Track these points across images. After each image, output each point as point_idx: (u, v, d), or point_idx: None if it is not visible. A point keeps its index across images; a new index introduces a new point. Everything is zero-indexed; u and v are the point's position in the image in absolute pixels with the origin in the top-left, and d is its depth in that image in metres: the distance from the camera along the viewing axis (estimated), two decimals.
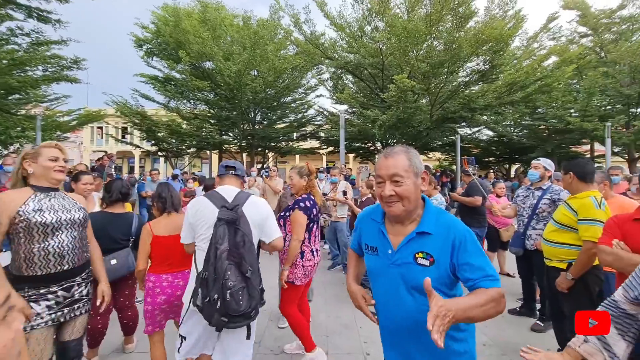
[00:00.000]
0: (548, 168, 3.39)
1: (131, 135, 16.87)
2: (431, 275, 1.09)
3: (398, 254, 1.20)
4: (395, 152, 1.20)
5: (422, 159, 25.00)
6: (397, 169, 1.16)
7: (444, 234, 1.16)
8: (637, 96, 11.98)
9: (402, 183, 1.16)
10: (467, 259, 1.12)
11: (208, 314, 1.70)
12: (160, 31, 12.57)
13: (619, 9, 13.36)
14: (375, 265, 1.29)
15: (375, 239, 1.30)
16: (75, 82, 10.91)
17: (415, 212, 1.22)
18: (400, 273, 1.19)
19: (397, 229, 1.24)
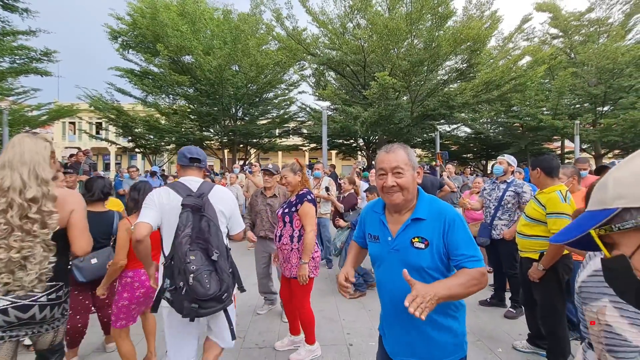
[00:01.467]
0: (511, 163, 3.69)
1: (106, 131, 16.29)
2: (426, 257, 1.28)
3: (397, 240, 1.33)
4: (396, 147, 1.35)
5: None
6: (399, 162, 1.30)
7: (436, 218, 1.30)
8: (603, 96, 12.68)
9: (402, 175, 1.29)
10: (454, 239, 1.26)
11: (179, 305, 1.67)
12: (136, 23, 12.12)
13: (588, 12, 14.04)
14: (377, 251, 1.42)
15: (376, 228, 1.43)
16: (46, 74, 10.41)
17: (412, 202, 1.36)
18: (400, 257, 1.32)
19: (396, 218, 1.37)
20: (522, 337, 3.03)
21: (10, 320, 1.50)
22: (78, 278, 2.39)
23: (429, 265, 1.28)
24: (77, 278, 2.39)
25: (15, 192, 1.48)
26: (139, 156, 22.83)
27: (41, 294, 1.56)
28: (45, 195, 1.54)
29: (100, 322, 2.78)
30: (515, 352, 2.89)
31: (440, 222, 1.28)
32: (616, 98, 12.80)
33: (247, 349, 2.94)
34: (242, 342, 3.04)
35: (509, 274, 3.67)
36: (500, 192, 3.64)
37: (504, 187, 3.64)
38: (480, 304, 3.89)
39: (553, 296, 2.51)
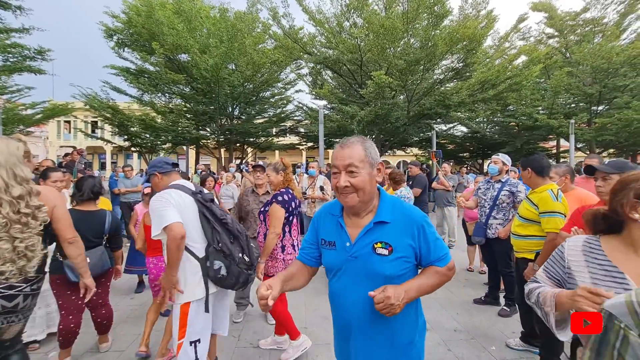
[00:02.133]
0: (506, 162, 3.72)
1: (102, 130, 16.17)
2: (390, 264, 1.16)
3: (356, 246, 1.20)
4: (352, 142, 1.20)
5: (400, 154, 25.45)
6: (353, 159, 1.16)
7: (401, 222, 1.19)
8: (598, 95, 12.77)
9: (357, 174, 1.15)
10: (427, 245, 1.20)
11: (232, 278, 1.96)
12: (132, 21, 12.03)
13: (583, 12, 14.11)
14: (333, 260, 1.26)
15: (333, 233, 1.28)
16: (40, 73, 10.31)
17: (371, 203, 1.23)
18: (360, 265, 1.19)
19: (354, 221, 1.24)
20: (515, 335, 3.05)
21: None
22: (71, 278, 2.37)
23: (394, 273, 1.17)
24: (69, 278, 2.38)
25: (1, 192, 1.57)
26: (134, 155, 22.73)
27: (26, 284, 1.67)
28: (29, 192, 1.66)
29: (94, 322, 2.77)
30: (509, 350, 2.91)
31: (409, 226, 1.19)
32: (611, 97, 12.90)
33: (242, 348, 2.94)
34: (237, 341, 3.04)
35: (504, 272, 3.70)
36: (495, 192, 3.66)
37: (499, 186, 3.66)
38: (474, 303, 3.91)
39: None
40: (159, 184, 2.10)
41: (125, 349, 2.89)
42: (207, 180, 5.58)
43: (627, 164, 1.99)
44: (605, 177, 1.96)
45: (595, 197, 2.58)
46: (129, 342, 3.00)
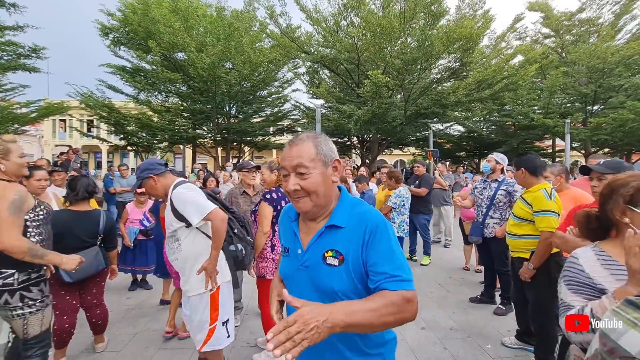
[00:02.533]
0: (499, 161, 3.75)
1: (97, 129, 16.05)
2: (340, 277, 0.97)
3: (307, 254, 1.05)
4: (301, 139, 1.04)
5: (397, 153, 25.49)
6: (302, 158, 1.00)
7: (355, 227, 1.00)
8: (593, 95, 12.86)
9: (307, 175, 1.00)
10: (372, 253, 0.96)
11: (247, 258, 2.26)
12: (128, 19, 11.93)
13: (578, 12, 14.20)
14: (286, 268, 1.13)
15: (288, 238, 1.15)
16: (35, 71, 10.20)
17: (329, 206, 1.07)
18: (309, 276, 1.03)
19: (310, 226, 1.09)
20: (510, 334, 3.08)
21: None
22: (65, 278, 2.36)
23: (344, 287, 0.97)
24: (63, 278, 2.36)
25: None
26: (131, 154, 22.59)
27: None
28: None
29: (89, 323, 2.76)
30: (504, 348, 2.93)
31: (360, 232, 0.98)
32: (606, 97, 12.99)
33: (238, 347, 2.94)
34: (233, 340, 3.03)
35: (500, 271, 3.72)
36: (492, 191, 3.69)
37: (496, 186, 3.69)
38: (470, 301, 3.94)
39: (544, 295, 2.53)
40: (155, 187, 2.09)
41: (122, 348, 2.88)
42: (208, 181, 5.58)
43: (621, 163, 2.01)
44: (600, 177, 1.97)
45: (590, 197, 2.61)
46: (125, 342, 2.99)
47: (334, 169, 1.06)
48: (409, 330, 3.24)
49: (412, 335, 3.16)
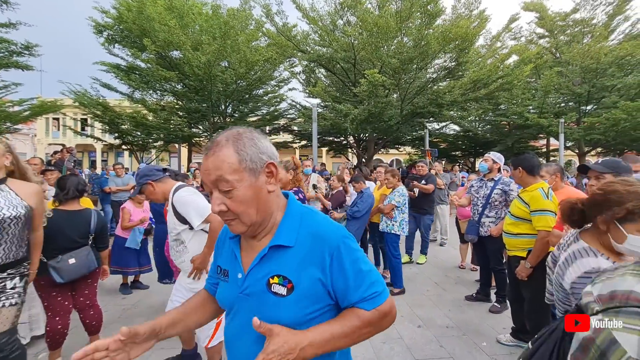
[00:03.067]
0: (496, 161, 3.76)
1: (92, 128, 15.89)
2: (289, 308, 0.81)
3: (248, 280, 0.86)
4: (218, 144, 0.81)
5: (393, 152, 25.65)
6: (221, 170, 0.79)
7: (309, 246, 0.84)
8: (587, 95, 12.99)
9: (231, 193, 0.79)
10: (341, 281, 0.83)
11: None
12: (122, 17, 11.81)
13: (573, 13, 14.33)
14: (224, 295, 0.94)
15: (226, 259, 0.96)
16: (27, 69, 10.07)
17: (270, 220, 0.87)
18: (252, 306, 0.85)
19: (252, 245, 0.90)
20: (506, 331, 3.10)
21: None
22: (56, 279, 2.34)
23: (294, 320, 0.81)
24: (55, 279, 2.34)
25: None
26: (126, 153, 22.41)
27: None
28: None
29: (83, 324, 2.73)
30: (500, 345, 2.96)
31: (317, 254, 0.83)
32: (599, 97, 13.13)
33: None
34: None
35: (495, 270, 3.75)
36: (488, 190, 3.70)
37: (492, 185, 3.70)
38: (466, 299, 3.96)
39: (541, 293, 2.55)
40: (154, 192, 2.17)
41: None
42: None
43: (619, 163, 2.03)
44: (598, 177, 1.99)
45: (584, 196, 2.64)
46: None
47: (268, 175, 0.84)
48: (405, 329, 3.26)
49: (408, 333, 3.18)
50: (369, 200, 4.40)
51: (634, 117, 11.33)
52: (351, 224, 4.33)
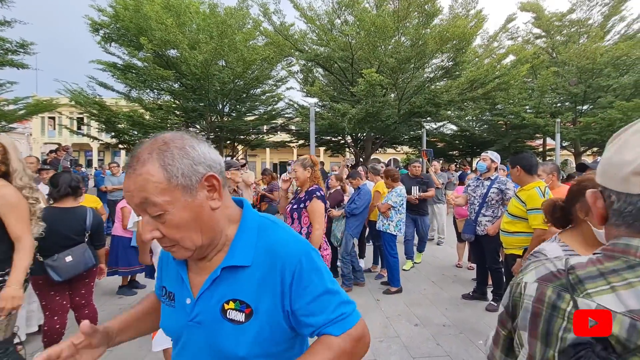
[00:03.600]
0: (494, 160, 3.78)
1: (88, 127, 15.79)
2: (248, 338, 0.71)
3: (199, 305, 0.75)
4: (139, 160, 0.66)
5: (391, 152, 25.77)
6: (146, 192, 0.64)
7: (267, 264, 0.73)
8: (583, 95, 13.08)
9: (163, 217, 0.66)
10: (303, 302, 0.72)
11: None
12: (119, 15, 11.74)
13: (569, 13, 14.40)
14: (170, 322, 0.81)
15: (172, 281, 0.83)
16: (23, 67, 10.00)
17: (221, 235, 0.76)
18: (204, 336, 0.74)
19: (201, 265, 0.78)
20: None
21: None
22: (54, 277, 2.32)
23: (254, 350, 0.71)
24: (52, 278, 2.33)
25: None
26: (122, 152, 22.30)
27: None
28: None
29: (78, 323, 2.72)
30: None
31: (275, 273, 0.72)
32: (595, 97, 13.22)
33: None
34: None
35: (492, 268, 3.77)
36: (485, 189, 3.72)
37: (488, 184, 3.71)
38: (463, 298, 3.98)
39: None
40: None
41: (114, 349, 2.85)
42: None
43: None
44: None
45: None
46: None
47: (209, 189, 0.70)
48: (402, 327, 3.27)
49: (405, 332, 3.19)
50: (367, 197, 4.41)
51: (629, 117, 11.41)
52: (350, 221, 4.34)
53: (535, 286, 0.62)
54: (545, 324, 0.58)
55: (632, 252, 0.55)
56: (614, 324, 0.50)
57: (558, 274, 0.60)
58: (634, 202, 0.55)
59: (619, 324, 0.50)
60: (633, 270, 0.53)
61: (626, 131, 0.60)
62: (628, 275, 0.53)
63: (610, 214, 0.60)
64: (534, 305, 0.61)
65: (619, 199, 0.57)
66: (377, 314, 3.56)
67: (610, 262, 0.56)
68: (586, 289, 0.55)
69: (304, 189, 2.73)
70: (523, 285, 0.65)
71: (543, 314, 0.59)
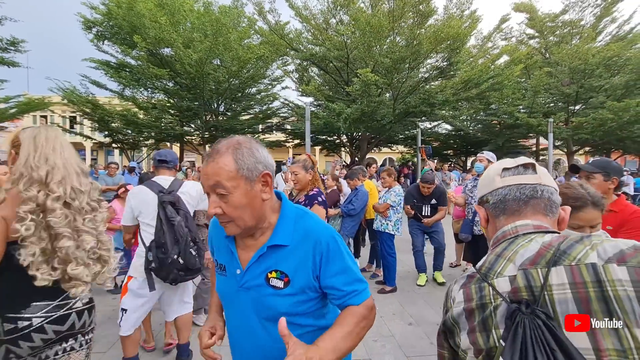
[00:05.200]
0: (491, 160, 3.81)
1: (81, 126, 15.63)
2: (286, 300, 0.93)
3: (247, 275, 0.96)
4: (218, 152, 0.88)
5: (386, 151, 25.78)
6: (219, 176, 0.85)
7: (302, 245, 0.94)
8: (575, 95, 13.24)
9: (228, 197, 0.86)
10: (330, 277, 0.94)
11: (166, 272, 2.21)
12: (112, 13, 11.61)
13: (562, 14, 14.54)
14: (224, 288, 1.04)
15: (224, 255, 1.04)
16: (13, 65, 9.89)
17: (264, 221, 0.96)
18: (251, 298, 0.96)
19: (248, 242, 0.98)
20: None
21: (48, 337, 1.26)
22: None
23: (291, 310, 0.93)
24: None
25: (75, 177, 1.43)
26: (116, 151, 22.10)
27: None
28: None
29: None
30: None
31: (309, 251, 0.93)
32: (587, 97, 13.38)
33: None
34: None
35: None
36: None
37: None
38: None
39: None
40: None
41: (107, 350, 2.84)
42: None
43: (609, 163, 2.07)
44: (588, 176, 2.04)
45: None
46: (112, 343, 2.94)
47: (263, 184, 0.91)
48: (396, 326, 3.30)
49: (399, 330, 3.22)
50: (364, 198, 4.42)
51: (620, 117, 11.59)
52: (346, 221, 4.35)
53: (461, 292, 0.76)
54: (480, 314, 0.70)
55: (508, 233, 0.77)
56: (517, 280, 0.66)
57: (472, 275, 0.77)
58: (499, 192, 0.80)
59: (520, 279, 0.66)
60: (513, 243, 0.73)
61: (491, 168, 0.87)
62: (512, 247, 0.73)
63: (490, 212, 0.83)
64: (466, 304, 0.73)
65: (492, 196, 0.81)
66: None
67: (498, 247, 0.77)
68: (496, 271, 0.72)
69: (303, 193, 2.63)
70: (452, 298, 0.79)
71: (474, 307, 0.71)
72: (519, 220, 0.76)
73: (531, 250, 0.68)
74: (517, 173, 0.79)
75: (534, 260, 0.66)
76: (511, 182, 0.79)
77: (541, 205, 0.77)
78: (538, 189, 0.77)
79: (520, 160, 0.82)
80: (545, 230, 0.74)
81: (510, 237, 0.75)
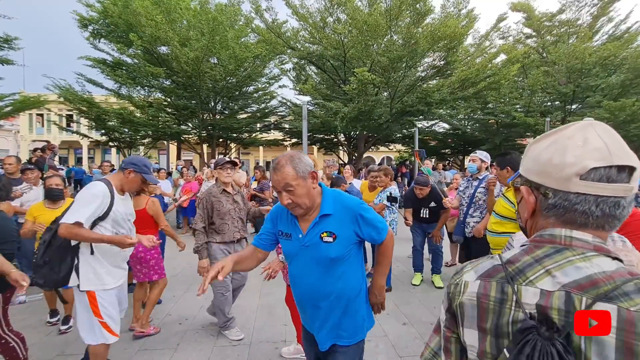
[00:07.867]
0: (484, 160, 3.69)
1: (78, 124, 15.56)
2: (335, 248, 1.42)
3: (307, 237, 1.45)
4: (281, 165, 1.37)
5: (383, 150, 25.54)
6: (287, 180, 1.35)
7: (342, 213, 1.45)
8: (572, 94, 13.25)
9: (294, 191, 1.36)
10: (367, 229, 1.46)
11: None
12: (107, 11, 11.54)
13: (559, 13, 14.56)
14: (290, 248, 1.52)
15: (288, 226, 1.53)
16: (8, 63, 9.81)
17: (315, 202, 1.46)
18: (310, 252, 1.45)
19: (305, 218, 1.50)
20: None
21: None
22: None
23: (337, 255, 1.43)
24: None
25: None
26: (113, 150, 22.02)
27: None
28: None
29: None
30: None
31: (348, 217, 1.44)
32: (584, 97, 13.40)
33: (220, 347, 2.92)
34: (215, 340, 3.02)
35: None
36: (473, 190, 3.65)
37: (476, 184, 3.64)
38: None
39: None
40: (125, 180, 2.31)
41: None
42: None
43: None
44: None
45: None
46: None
47: (312, 178, 1.42)
48: (390, 326, 3.30)
49: (393, 330, 3.22)
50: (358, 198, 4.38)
51: (616, 117, 11.62)
52: None
53: (478, 283, 0.66)
54: (495, 317, 0.62)
55: (557, 240, 0.63)
56: (554, 300, 0.57)
57: (497, 268, 0.66)
58: (570, 198, 0.61)
59: (557, 299, 0.56)
60: (560, 254, 0.61)
61: (558, 133, 0.66)
62: (558, 258, 0.60)
63: (541, 207, 0.66)
64: (480, 301, 0.64)
65: (556, 195, 0.63)
66: None
67: (539, 249, 0.64)
68: (527, 277, 0.61)
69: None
70: (463, 284, 0.69)
71: (491, 308, 0.63)
72: (577, 232, 0.62)
73: (584, 273, 0.57)
74: (607, 178, 0.58)
75: (584, 286, 0.56)
76: (593, 191, 0.59)
77: (614, 223, 0.61)
78: (622, 204, 0.59)
79: (616, 154, 0.60)
80: (607, 254, 0.60)
81: (560, 246, 0.62)
